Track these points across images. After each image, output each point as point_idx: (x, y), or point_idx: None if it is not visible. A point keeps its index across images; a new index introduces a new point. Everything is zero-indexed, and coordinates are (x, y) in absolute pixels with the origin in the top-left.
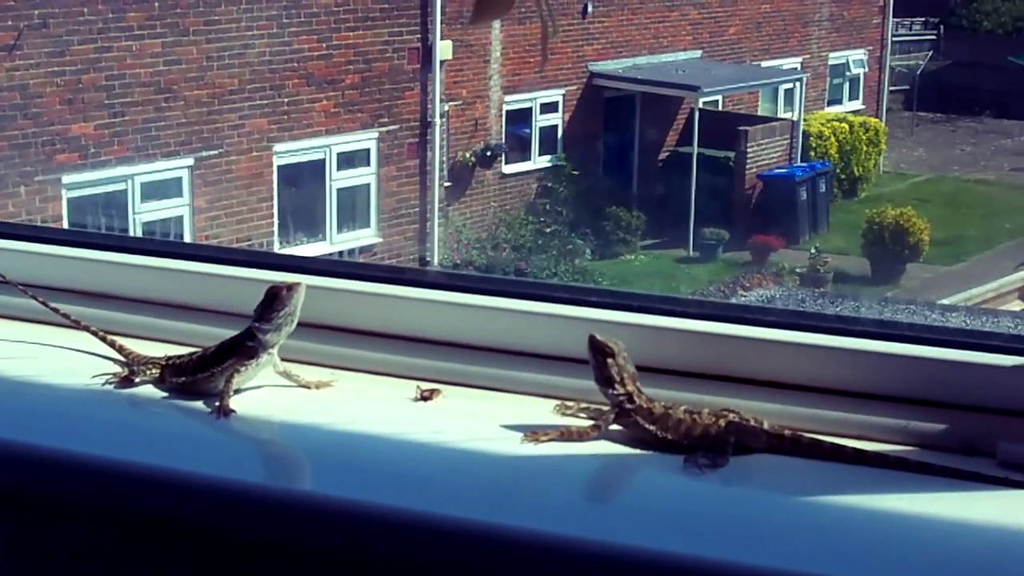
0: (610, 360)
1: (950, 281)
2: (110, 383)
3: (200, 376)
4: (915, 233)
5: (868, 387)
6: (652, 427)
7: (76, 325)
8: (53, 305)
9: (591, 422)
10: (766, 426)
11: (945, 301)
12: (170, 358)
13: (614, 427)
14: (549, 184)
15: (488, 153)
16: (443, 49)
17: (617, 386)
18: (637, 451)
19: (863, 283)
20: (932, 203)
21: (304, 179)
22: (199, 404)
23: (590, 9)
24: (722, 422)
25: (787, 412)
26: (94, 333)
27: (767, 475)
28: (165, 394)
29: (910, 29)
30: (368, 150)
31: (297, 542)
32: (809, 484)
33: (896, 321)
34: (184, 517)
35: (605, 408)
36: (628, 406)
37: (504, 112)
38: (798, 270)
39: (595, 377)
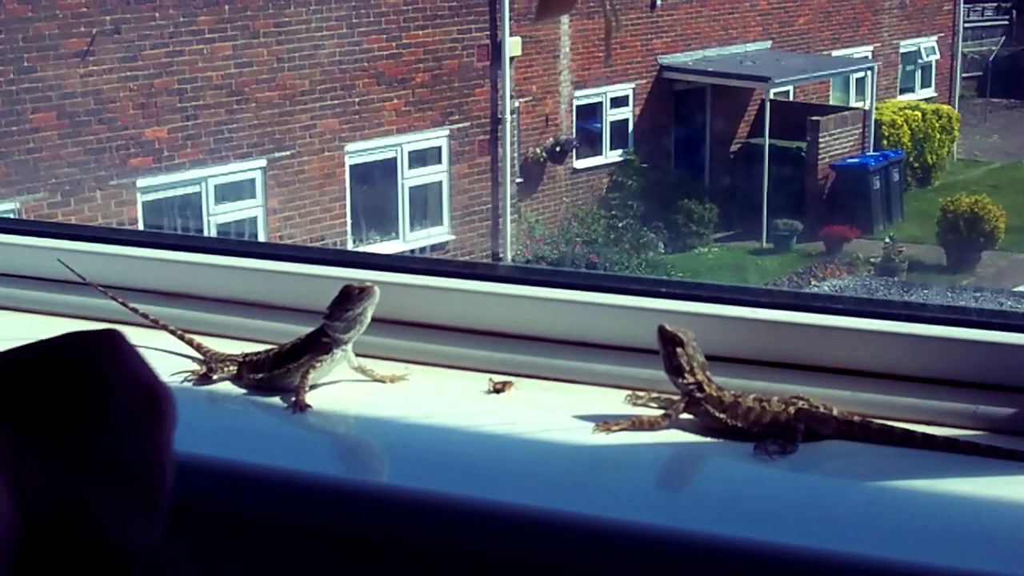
0: (679, 350)
1: None
2: (189, 380)
3: (276, 372)
4: (990, 220)
5: (937, 372)
6: (722, 415)
7: (155, 324)
8: (132, 305)
9: (662, 411)
10: (835, 412)
11: (1021, 288)
12: (247, 355)
13: (684, 416)
14: (620, 178)
15: (559, 148)
16: (512, 46)
17: (687, 375)
18: (707, 439)
19: (938, 271)
20: (1007, 190)
21: (376, 178)
22: (276, 400)
23: (658, 2)
24: (791, 409)
25: (856, 398)
26: (173, 332)
27: (837, 461)
28: (243, 390)
29: (982, 15)
30: (439, 148)
31: (374, 534)
32: (879, 470)
33: (963, 307)
34: (262, 511)
35: (675, 397)
36: (698, 395)
37: (574, 107)
38: (872, 260)
39: (665, 367)
